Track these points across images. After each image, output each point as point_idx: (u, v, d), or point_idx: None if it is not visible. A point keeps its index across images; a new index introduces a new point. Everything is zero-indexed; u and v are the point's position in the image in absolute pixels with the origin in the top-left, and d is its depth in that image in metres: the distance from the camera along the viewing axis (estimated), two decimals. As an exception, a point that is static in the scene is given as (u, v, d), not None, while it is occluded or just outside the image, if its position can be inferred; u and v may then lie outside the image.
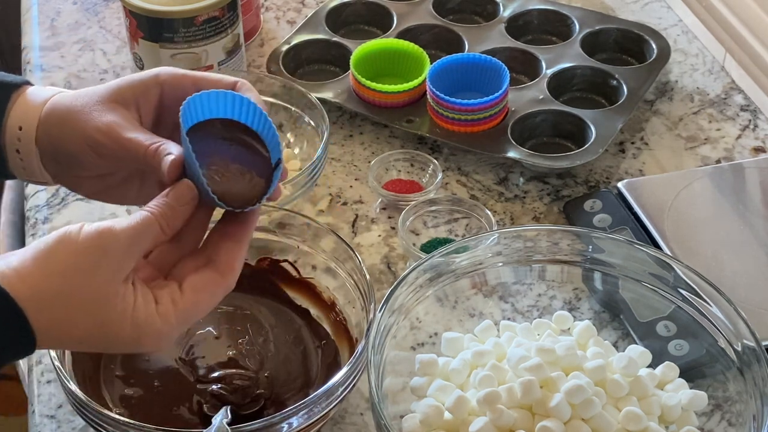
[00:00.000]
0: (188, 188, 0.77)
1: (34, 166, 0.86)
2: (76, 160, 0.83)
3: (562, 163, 1.13)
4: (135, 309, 0.73)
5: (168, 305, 0.74)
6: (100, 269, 0.72)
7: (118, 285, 0.73)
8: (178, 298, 0.75)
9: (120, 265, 0.73)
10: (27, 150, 0.85)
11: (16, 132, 0.85)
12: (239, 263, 0.78)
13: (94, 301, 0.72)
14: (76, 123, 0.82)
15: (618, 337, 0.98)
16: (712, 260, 1.03)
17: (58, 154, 0.84)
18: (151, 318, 0.73)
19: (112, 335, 0.73)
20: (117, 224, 0.73)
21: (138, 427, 0.83)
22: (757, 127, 1.23)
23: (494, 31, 1.31)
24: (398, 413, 0.88)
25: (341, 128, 1.23)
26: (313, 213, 1.13)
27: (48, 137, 0.84)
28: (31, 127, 0.84)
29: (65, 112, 0.83)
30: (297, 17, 1.41)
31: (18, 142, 0.85)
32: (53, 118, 0.84)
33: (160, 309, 0.74)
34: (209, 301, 0.77)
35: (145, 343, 0.75)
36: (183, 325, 0.76)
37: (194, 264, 0.77)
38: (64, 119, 0.83)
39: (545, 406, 0.83)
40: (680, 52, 1.33)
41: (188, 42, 1.18)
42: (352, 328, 0.95)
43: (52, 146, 0.84)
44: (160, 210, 0.75)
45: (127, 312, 0.73)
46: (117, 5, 1.43)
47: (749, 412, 0.84)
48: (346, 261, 0.96)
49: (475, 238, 0.95)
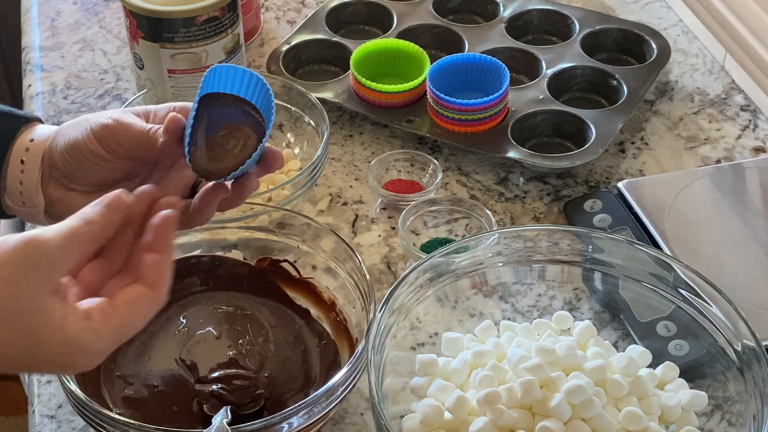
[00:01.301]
0: (119, 198, 0.75)
1: (33, 180, 0.86)
2: (78, 163, 0.84)
3: (562, 163, 1.13)
4: (63, 324, 0.68)
5: (99, 321, 0.70)
6: (27, 280, 0.67)
7: (44, 297, 0.68)
8: (110, 313, 0.71)
9: (48, 276, 0.69)
10: (32, 163, 0.86)
11: (26, 143, 0.86)
12: (167, 275, 0.75)
13: (19, 314, 0.67)
14: (87, 121, 0.84)
15: (618, 337, 0.98)
16: (712, 260, 1.03)
17: (62, 157, 0.85)
18: (81, 333, 0.69)
19: (39, 351, 0.68)
20: (44, 233, 0.69)
21: (138, 427, 0.83)
22: (757, 127, 1.23)
23: (494, 31, 1.32)
24: (398, 413, 0.88)
25: (341, 128, 1.23)
26: (313, 213, 1.13)
27: (55, 145, 0.85)
28: (42, 140, 0.86)
29: (76, 120, 0.86)
30: (297, 17, 1.41)
31: (26, 152, 0.86)
32: (64, 126, 0.86)
33: (91, 324, 0.70)
34: (142, 315, 0.73)
35: (75, 361, 0.70)
36: (115, 342, 0.72)
37: (122, 282, 0.74)
38: (75, 122, 0.86)
39: (545, 406, 0.83)
40: (680, 52, 1.33)
41: (188, 42, 1.18)
42: (352, 328, 0.95)
43: (57, 147, 0.85)
44: (91, 217, 0.73)
45: (55, 327, 0.68)
46: (117, 5, 1.43)
47: (749, 412, 0.84)
48: (346, 261, 0.96)
49: (475, 238, 0.95)
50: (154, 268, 0.74)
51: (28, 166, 0.86)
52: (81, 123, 0.85)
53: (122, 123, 0.83)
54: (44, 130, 0.88)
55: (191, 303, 0.99)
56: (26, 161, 0.86)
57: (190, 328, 0.96)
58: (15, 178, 0.86)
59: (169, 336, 0.95)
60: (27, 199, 0.87)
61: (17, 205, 0.88)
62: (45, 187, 0.86)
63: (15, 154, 0.86)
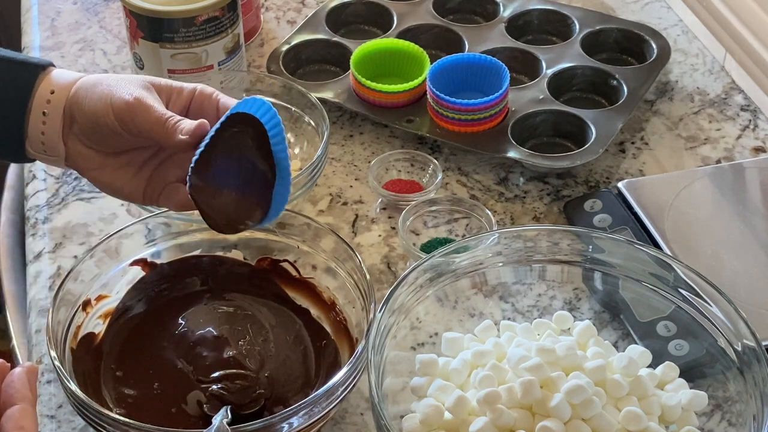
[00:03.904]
0: None
1: (55, 131, 0.88)
2: (97, 133, 0.87)
3: (562, 163, 1.13)
4: None
5: None
6: None
7: None
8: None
9: None
10: (54, 114, 0.88)
11: (47, 95, 0.88)
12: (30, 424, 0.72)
13: None
14: (109, 88, 0.87)
15: (618, 337, 0.98)
16: (712, 260, 1.03)
17: (82, 118, 0.87)
18: None
19: None
20: None
21: (138, 427, 0.83)
22: (757, 127, 1.23)
23: (494, 31, 1.31)
24: (398, 413, 0.88)
25: (341, 128, 1.23)
26: (313, 213, 1.13)
27: (77, 100, 0.87)
28: (63, 91, 0.88)
29: (98, 79, 0.88)
30: (297, 17, 1.41)
31: (47, 104, 0.88)
32: (87, 83, 0.88)
33: None
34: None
35: None
36: None
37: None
38: (96, 83, 0.88)
39: (545, 406, 0.83)
40: (680, 52, 1.33)
41: (188, 42, 1.18)
42: (353, 328, 0.95)
43: (79, 108, 0.87)
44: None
45: None
46: (117, 5, 1.43)
47: (749, 412, 0.84)
48: (346, 261, 0.96)
49: (475, 238, 0.95)
50: (10, 422, 0.71)
51: (50, 118, 0.88)
52: (104, 96, 0.86)
53: (143, 104, 0.85)
54: (63, 79, 0.89)
55: (191, 303, 0.99)
56: (48, 113, 0.88)
57: (190, 328, 0.96)
58: (37, 128, 0.89)
59: (170, 336, 0.95)
60: (48, 148, 0.89)
61: (38, 153, 0.90)
62: (66, 139, 0.89)
63: (36, 106, 0.88)
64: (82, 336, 0.94)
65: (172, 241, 1.01)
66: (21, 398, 0.73)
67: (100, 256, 0.96)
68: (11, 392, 0.73)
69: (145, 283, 0.99)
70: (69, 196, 1.16)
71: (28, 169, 1.21)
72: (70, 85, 0.88)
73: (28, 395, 0.73)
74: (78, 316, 0.94)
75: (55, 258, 1.09)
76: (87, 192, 1.16)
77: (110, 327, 0.96)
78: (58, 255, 1.09)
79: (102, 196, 1.15)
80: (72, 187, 1.17)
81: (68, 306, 0.93)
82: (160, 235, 1.01)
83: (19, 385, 0.73)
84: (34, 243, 1.11)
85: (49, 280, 1.07)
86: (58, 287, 0.92)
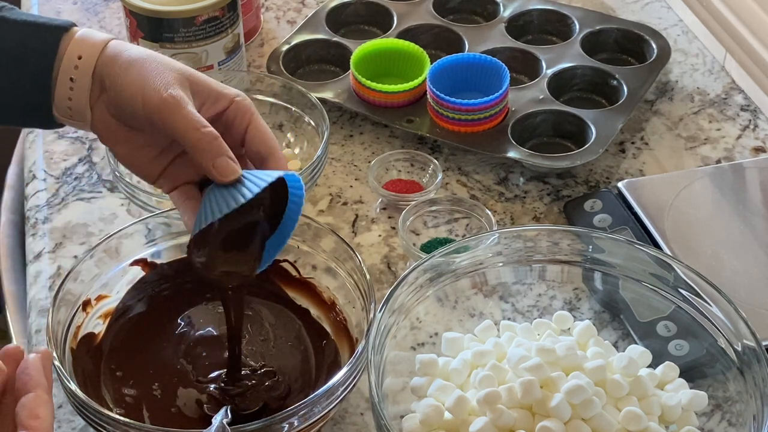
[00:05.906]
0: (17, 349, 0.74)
1: (83, 98, 0.86)
2: (126, 114, 0.85)
3: (562, 163, 1.13)
4: None
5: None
6: None
7: None
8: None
9: None
10: (82, 80, 0.86)
11: (74, 60, 0.86)
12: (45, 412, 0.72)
13: None
14: (143, 75, 0.84)
15: (618, 337, 0.98)
16: (712, 260, 1.03)
17: (112, 92, 0.85)
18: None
19: None
20: None
21: (138, 427, 0.83)
22: (757, 127, 1.23)
23: (494, 31, 1.31)
24: (398, 413, 0.88)
25: (341, 128, 1.23)
26: (313, 213, 1.13)
27: (109, 73, 0.85)
28: (91, 57, 0.85)
29: (134, 58, 0.85)
30: (297, 17, 1.41)
31: (75, 70, 0.86)
32: (121, 57, 0.85)
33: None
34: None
35: None
36: None
37: None
38: (132, 64, 0.85)
39: (545, 406, 0.83)
40: (680, 52, 1.33)
41: (188, 42, 1.18)
42: (353, 328, 0.95)
43: (111, 82, 0.85)
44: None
45: None
46: (117, 5, 1.43)
47: (749, 412, 0.84)
48: (346, 261, 0.96)
49: (475, 238, 0.95)
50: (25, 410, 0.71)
51: (78, 84, 0.86)
52: (137, 82, 0.83)
53: (178, 104, 0.82)
54: (90, 42, 0.86)
55: (191, 303, 0.99)
56: (76, 79, 0.86)
57: (190, 328, 0.96)
58: (64, 95, 0.87)
59: (170, 336, 0.95)
60: (75, 113, 0.87)
61: (65, 117, 0.88)
62: (93, 104, 0.87)
63: (63, 72, 0.86)
64: (82, 336, 0.94)
65: (172, 241, 1.01)
66: (35, 385, 0.72)
67: (100, 256, 0.96)
68: (25, 379, 0.73)
69: (145, 283, 0.99)
70: (69, 196, 1.16)
71: (28, 169, 1.21)
72: (98, 48, 0.86)
73: (43, 382, 0.73)
74: (78, 316, 0.94)
75: (55, 258, 1.09)
76: (87, 192, 1.16)
77: (110, 327, 0.96)
78: (58, 255, 1.09)
79: (102, 196, 1.15)
80: (72, 187, 1.17)
81: (68, 306, 0.93)
82: (160, 235, 1.01)
83: (34, 372, 0.73)
84: (34, 243, 1.11)
85: (49, 280, 1.07)
86: (58, 287, 0.92)
